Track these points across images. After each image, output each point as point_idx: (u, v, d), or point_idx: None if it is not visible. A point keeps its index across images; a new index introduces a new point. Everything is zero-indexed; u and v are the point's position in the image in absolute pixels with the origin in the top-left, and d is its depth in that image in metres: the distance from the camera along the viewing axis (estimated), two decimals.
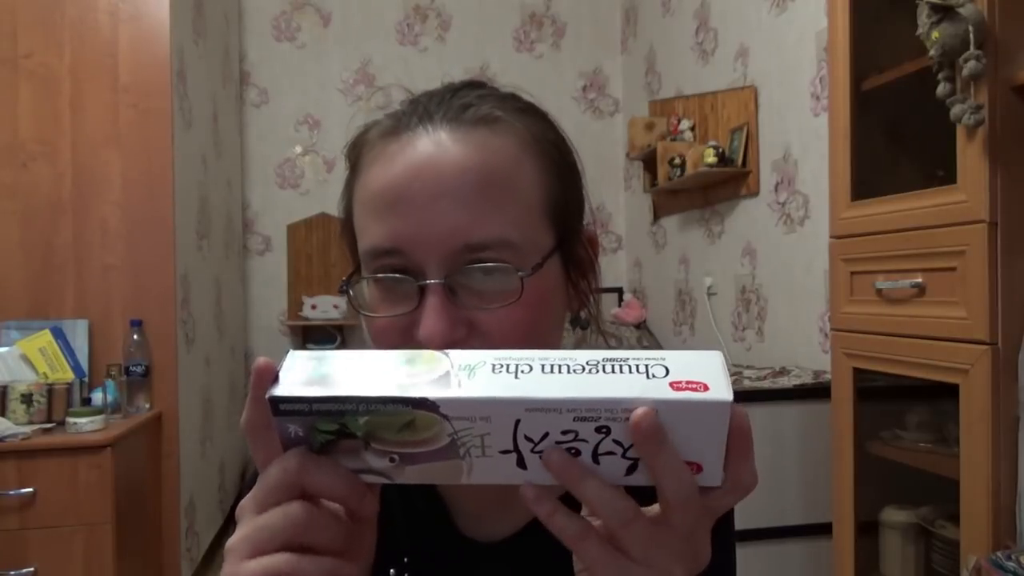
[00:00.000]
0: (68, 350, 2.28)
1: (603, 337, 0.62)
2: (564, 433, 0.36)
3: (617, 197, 3.96)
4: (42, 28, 2.36)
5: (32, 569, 1.96)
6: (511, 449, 0.36)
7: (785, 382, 2.09)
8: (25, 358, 2.23)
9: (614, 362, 0.36)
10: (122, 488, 2.07)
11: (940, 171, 1.51)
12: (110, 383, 2.23)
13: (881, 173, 1.68)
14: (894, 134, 1.75)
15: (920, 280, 1.46)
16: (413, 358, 0.37)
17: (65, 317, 2.35)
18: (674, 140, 3.13)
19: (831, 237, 1.73)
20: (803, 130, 2.42)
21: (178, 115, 2.52)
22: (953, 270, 1.38)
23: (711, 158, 2.71)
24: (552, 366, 0.36)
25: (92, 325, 2.37)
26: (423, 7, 3.79)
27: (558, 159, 0.55)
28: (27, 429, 2.03)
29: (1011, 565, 1.21)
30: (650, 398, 0.35)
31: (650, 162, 3.30)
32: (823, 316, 2.31)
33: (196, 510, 2.71)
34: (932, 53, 1.33)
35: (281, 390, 0.36)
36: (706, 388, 0.35)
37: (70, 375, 2.25)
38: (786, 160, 2.52)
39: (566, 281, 0.56)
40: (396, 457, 0.37)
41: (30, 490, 1.96)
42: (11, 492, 1.95)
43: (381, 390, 0.35)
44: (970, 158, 1.34)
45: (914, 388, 1.59)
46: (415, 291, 0.50)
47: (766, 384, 2.09)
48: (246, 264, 3.71)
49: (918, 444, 1.62)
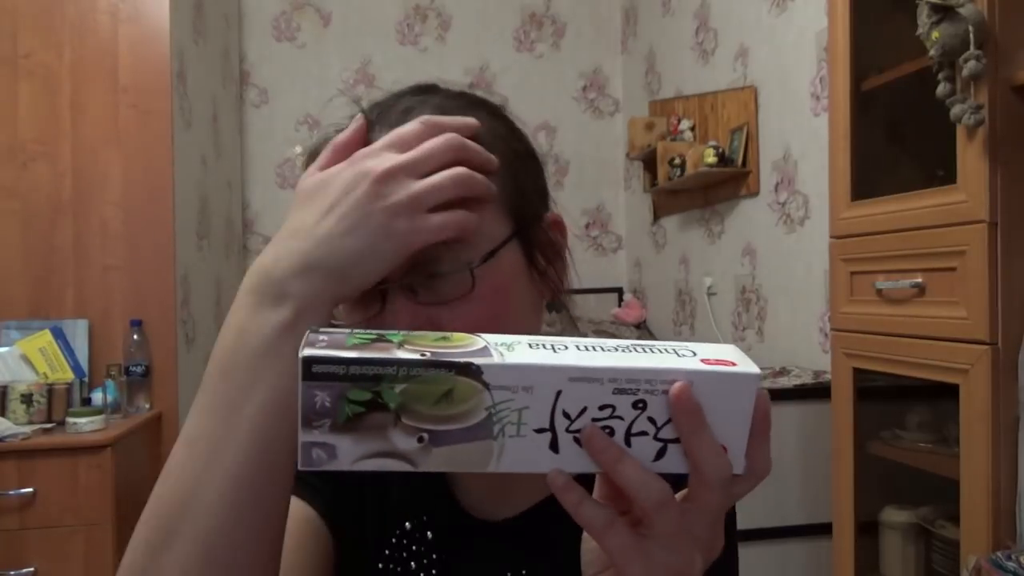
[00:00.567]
0: (68, 350, 2.28)
1: (572, 322, 0.63)
2: (601, 409, 0.36)
3: (617, 197, 3.96)
4: (42, 28, 2.36)
5: (32, 569, 1.96)
6: (547, 427, 0.36)
7: (785, 382, 2.09)
8: (25, 358, 2.23)
9: (644, 346, 0.38)
10: (122, 488, 2.07)
11: (940, 171, 1.51)
12: (110, 383, 2.23)
13: (881, 173, 1.68)
14: (894, 134, 1.75)
15: (920, 280, 1.46)
16: (448, 336, 0.38)
17: (65, 317, 2.35)
18: (674, 140, 3.13)
19: (831, 237, 1.73)
20: (803, 130, 2.42)
21: (178, 115, 2.52)
22: (953, 270, 1.38)
23: (711, 158, 2.71)
24: (586, 346, 0.37)
25: (92, 325, 2.37)
26: (423, 7, 3.79)
27: (506, 150, 0.55)
28: (27, 429, 2.03)
29: (1011, 565, 1.21)
30: (688, 368, 0.36)
31: (650, 162, 3.30)
32: (823, 316, 2.31)
33: None
34: (932, 53, 1.33)
35: (315, 351, 0.34)
36: (734, 364, 0.37)
37: (70, 375, 2.25)
38: (786, 160, 2.52)
39: (530, 268, 0.56)
40: (425, 436, 0.36)
41: (30, 490, 1.96)
42: (11, 492, 1.95)
43: (423, 356, 0.35)
44: (970, 158, 1.33)
45: (914, 388, 1.59)
46: (376, 296, 0.50)
47: (766, 384, 2.08)
48: (246, 264, 3.71)
49: (918, 444, 1.62)
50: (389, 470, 0.37)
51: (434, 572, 0.61)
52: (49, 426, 2.12)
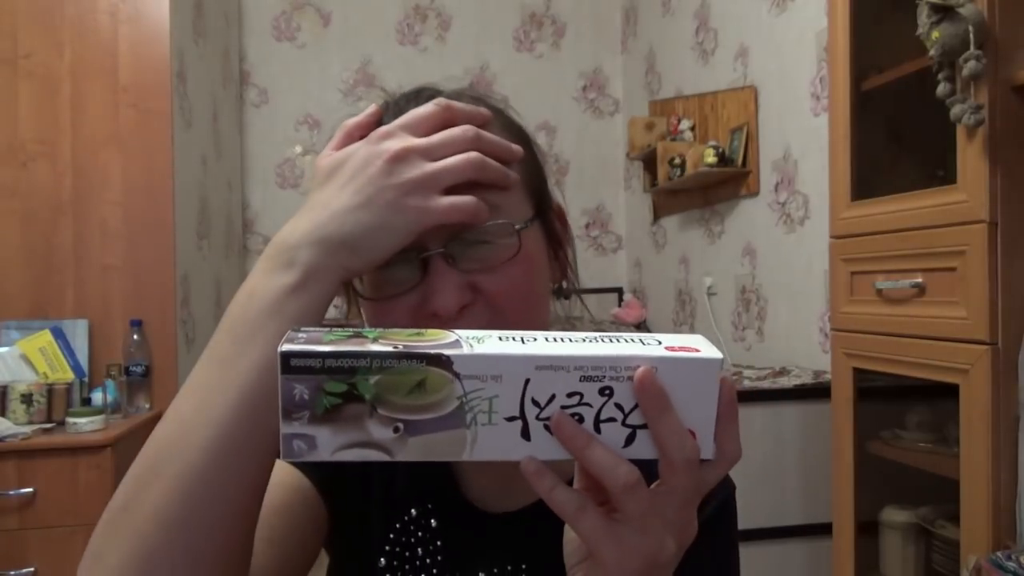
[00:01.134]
0: (68, 350, 2.28)
1: (583, 304, 0.67)
2: (569, 396, 0.37)
3: (617, 197, 3.96)
4: (42, 28, 2.36)
5: (32, 569, 1.96)
6: (517, 416, 0.37)
7: (785, 382, 2.09)
8: (25, 358, 2.23)
9: (612, 336, 0.39)
10: None
11: (940, 171, 1.51)
12: (110, 383, 2.23)
13: (881, 173, 1.69)
14: (894, 134, 1.75)
15: (920, 280, 1.46)
16: (422, 332, 0.39)
17: (65, 317, 2.35)
18: (674, 140, 3.13)
19: (831, 237, 1.73)
20: (803, 130, 2.42)
21: (178, 115, 2.52)
22: (953, 270, 1.38)
23: (711, 158, 2.71)
24: (555, 338, 0.38)
25: (92, 325, 2.37)
26: (423, 7, 3.79)
27: (519, 140, 0.57)
28: (27, 429, 2.04)
29: (1011, 565, 1.21)
30: (651, 355, 0.37)
31: (650, 162, 3.30)
32: (823, 316, 2.31)
33: None
34: (932, 53, 1.33)
35: (292, 346, 0.36)
36: (697, 351, 0.38)
37: (70, 375, 2.25)
38: (786, 160, 2.52)
39: (547, 249, 0.59)
40: (400, 426, 0.37)
41: (30, 490, 1.96)
42: (11, 492, 1.95)
43: (395, 348, 0.36)
44: (970, 158, 1.34)
45: (914, 388, 1.59)
46: (416, 267, 0.51)
47: (766, 384, 2.09)
48: (246, 264, 3.71)
49: (918, 444, 1.62)
50: (367, 460, 0.38)
51: (439, 558, 0.63)
52: (49, 426, 2.12)
